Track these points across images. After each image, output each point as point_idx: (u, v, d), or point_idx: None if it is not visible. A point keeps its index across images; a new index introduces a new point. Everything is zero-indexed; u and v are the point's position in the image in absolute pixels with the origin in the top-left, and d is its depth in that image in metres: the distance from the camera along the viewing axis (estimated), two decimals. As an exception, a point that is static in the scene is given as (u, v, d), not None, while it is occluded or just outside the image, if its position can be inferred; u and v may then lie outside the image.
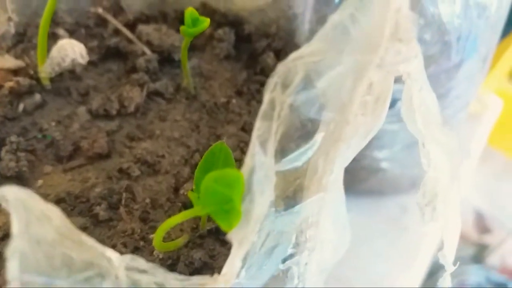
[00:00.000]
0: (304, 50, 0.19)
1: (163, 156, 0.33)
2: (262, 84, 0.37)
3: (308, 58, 0.19)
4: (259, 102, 0.37)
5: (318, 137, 0.21)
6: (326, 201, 0.24)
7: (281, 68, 0.19)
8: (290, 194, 0.23)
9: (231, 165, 0.26)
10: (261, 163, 0.19)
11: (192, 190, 0.30)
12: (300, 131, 0.21)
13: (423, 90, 0.22)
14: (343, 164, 0.24)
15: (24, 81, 0.34)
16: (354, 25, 0.18)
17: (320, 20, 0.35)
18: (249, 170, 0.19)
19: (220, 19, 0.38)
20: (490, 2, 0.41)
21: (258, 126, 0.19)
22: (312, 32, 0.36)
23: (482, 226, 1.08)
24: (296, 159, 0.21)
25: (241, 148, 0.34)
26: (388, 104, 0.23)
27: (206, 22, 0.28)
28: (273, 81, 0.20)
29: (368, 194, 0.53)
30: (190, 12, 0.28)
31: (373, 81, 0.20)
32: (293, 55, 0.19)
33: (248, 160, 0.19)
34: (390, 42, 0.18)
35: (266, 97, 0.20)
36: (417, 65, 0.21)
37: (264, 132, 0.19)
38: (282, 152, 0.21)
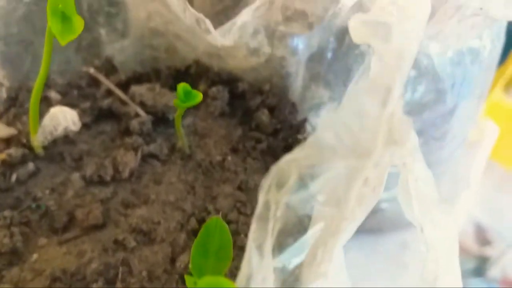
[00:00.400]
0: (297, 153, 0.19)
1: (158, 223, 0.32)
2: (258, 141, 0.37)
3: (301, 161, 0.19)
4: (255, 159, 0.37)
5: (316, 229, 0.21)
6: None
7: (275, 169, 0.19)
8: (289, 284, 0.22)
9: (227, 240, 0.26)
10: (258, 267, 0.19)
11: (188, 263, 0.29)
12: (297, 227, 0.21)
13: (419, 179, 0.21)
14: (341, 246, 0.23)
15: (16, 152, 0.33)
16: (346, 131, 0.18)
17: (313, 77, 0.35)
18: (247, 277, 0.19)
19: (214, 77, 0.38)
20: (483, 47, 0.41)
21: (254, 228, 0.19)
22: (305, 89, 0.36)
23: (483, 238, 1.07)
24: (294, 253, 0.21)
25: (238, 208, 0.34)
26: (383, 188, 0.22)
27: (199, 96, 0.28)
28: (267, 183, 0.19)
29: (366, 232, 0.53)
30: (182, 86, 0.28)
31: (369, 177, 0.20)
32: (286, 157, 0.19)
33: (244, 267, 0.19)
34: (385, 146, 0.18)
35: (261, 199, 0.19)
36: (412, 156, 0.20)
37: (260, 235, 0.19)
38: (279, 246, 0.21)
